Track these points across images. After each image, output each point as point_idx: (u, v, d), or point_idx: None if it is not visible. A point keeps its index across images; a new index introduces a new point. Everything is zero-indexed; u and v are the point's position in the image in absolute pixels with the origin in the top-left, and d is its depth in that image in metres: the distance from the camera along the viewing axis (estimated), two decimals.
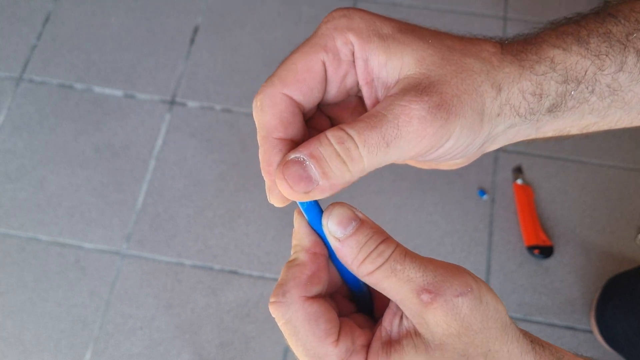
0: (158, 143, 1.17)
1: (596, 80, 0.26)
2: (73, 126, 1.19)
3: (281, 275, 0.26)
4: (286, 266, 0.26)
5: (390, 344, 0.24)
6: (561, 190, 1.11)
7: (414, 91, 0.25)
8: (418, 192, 1.11)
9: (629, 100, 0.27)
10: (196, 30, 1.30)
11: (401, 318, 0.25)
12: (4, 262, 1.07)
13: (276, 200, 0.27)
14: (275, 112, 0.26)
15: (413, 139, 0.24)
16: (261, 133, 0.26)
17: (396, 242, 0.25)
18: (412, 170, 1.13)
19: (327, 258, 0.27)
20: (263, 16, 1.31)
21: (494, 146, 0.29)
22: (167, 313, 1.02)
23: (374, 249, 0.24)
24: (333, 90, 0.28)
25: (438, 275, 0.23)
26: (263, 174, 0.27)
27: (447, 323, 0.22)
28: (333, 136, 0.24)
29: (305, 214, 0.27)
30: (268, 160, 0.26)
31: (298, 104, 0.26)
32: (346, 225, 0.25)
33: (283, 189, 0.25)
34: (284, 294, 0.25)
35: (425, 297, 0.23)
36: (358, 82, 0.27)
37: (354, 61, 0.27)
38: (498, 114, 0.26)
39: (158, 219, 1.10)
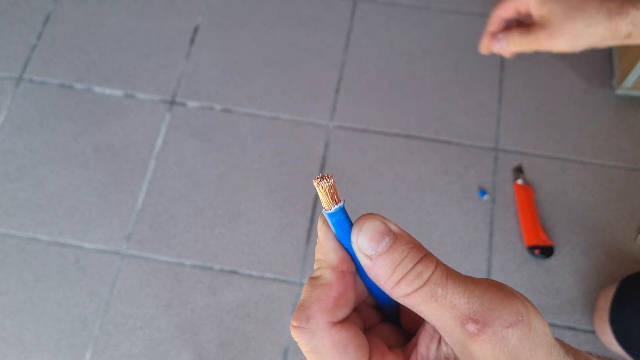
0: (158, 143, 1.17)
1: None
2: (73, 126, 1.19)
3: (304, 294, 0.24)
4: (309, 284, 0.24)
5: None
6: (561, 190, 1.10)
7: None
8: (418, 192, 1.11)
9: None
10: (196, 30, 1.30)
11: (439, 342, 0.23)
12: (4, 262, 1.07)
13: None
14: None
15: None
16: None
17: (436, 260, 0.22)
18: (412, 170, 1.13)
19: (355, 274, 0.25)
20: (263, 16, 1.31)
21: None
22: (167, 313, 1.02)
23: (411, 269, 0.22)
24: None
25: (485, 302, 0.21)
26: None
27: (494, 356, 0.20)
28: None
29: (332, 226, 0.24)
30: None
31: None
32: (379, 241, 0.22)
33: None
34: (308, 319, 0.23)
35: (471, 328, 0.20)
36: None
37: None
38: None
39: (158, 219, 1.10)
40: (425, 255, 0.22)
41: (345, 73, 1.24)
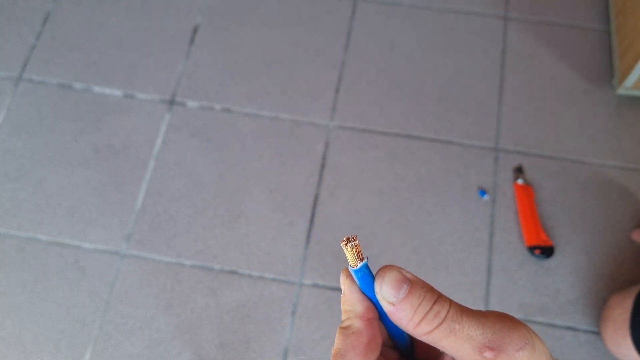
0: (158, 143, 1.17)
1: None
2: (73, 126, 1.19)
3: (337, 343, 0.27)
4: (342, 333, 0.27)
5: None
6: (562, 190, 1.10)
7: None
8: (418, 193, 1.11)
9: None
10: (196, 30, 1.30)
11: None
12: (4, 262, 1.07)
13: None
14: None
15: None
16: None
17: (449, 300, 0.25)
18: (412, 170, 1.13)
19: (379, 320, 0.28)
20: (263, 16, 1.31)
21: None
22: (167, 313, 1.02)
23: (430, 310, 0.24)
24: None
25: (497, 331, 0.24)
26: None
27: None
28: None
29: (357, 280, 0.27)
30: None
31: None
32: (399, 289, 0.25)
33: None
34: None
35: (488, 355, 0.23)
36: None
37: None
38: None
39: (158, 219, 1.10)
40: (439, 296, 0.25)
41: (345, 73, 1.24)
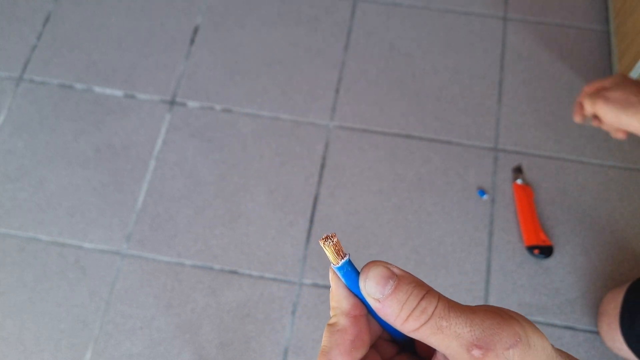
0: (158, 143, 1.17)
1: None
2: (73, 126, 1.19)
3: (324, 341, 0.26)
4: (328, 331, 0.26)
5: None
6: (561, 190, 1.11)
7: None
8: (418, 192, 1.11)
9: None
10: (196, 30, 1.30)
11: None
12: (4, 262, 1.07)
13: None
14: None
15: None
16: None
17: (438, 295, 0.24)
18: (412, 170, 1.13)
19: (368, 316, 0.27)
20: (263, 16, 1.31)
21: None
22: (167, 313, 1.02)
23: (416, 306, 0.24)
24: None
25: (486, 328, 0.23)
26: None
27: None
28: None
29: (342, 277, 0.27)
30: None
31: None
32: (384, 285, 0.24)
33: None
34: None
35: (476, 353, 0.23)
36: None
37: None
38: None
39: (158, 219, 1.10)
40: (427, 292, 0.24)
41: (345, 73, 1.24)
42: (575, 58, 1.24)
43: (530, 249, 1.04)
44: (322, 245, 0.26)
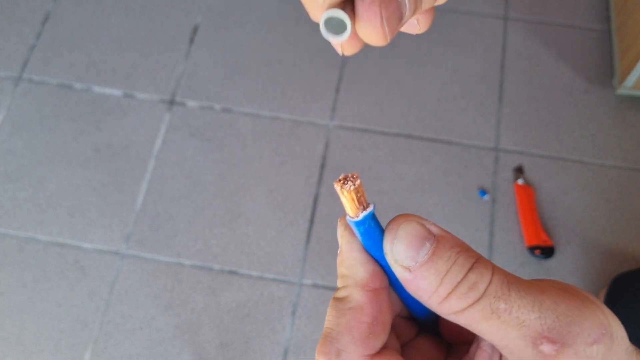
0: (158, 143, 1.17)
1: None
2: (73, 126, 1.19)
3: (328, 320, 0.19)
4: (335, 308, 0.19)
5: None
6: (562, 190, 1.10)
7: None
8: (418, 192, 1.11)
9: None
10: (196, 30, 1.30)
11: None
12: (4, 262, 1.07)
13: None
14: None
15: None
16: None
17: (492, 266, 0.18)
18: (412, 170, 1.13)
19: (389, 288, 0.20)
20: (263, 16, 1.31)
21: None
22: (167, 313, 1.02)
23: (462, 280, 0.17)
24: None
25: (561, 315, 0.17)
26: None
27: None
28: None
29: (359, 235, 0.20)
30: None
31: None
32: (418, 248, 0.18)
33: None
34: (339, 354, 0.18)
35: (547, 349, 0.17)
36: None
37: None
38: None
39: (158, 219, 1.10)
40: (477, 260, 0.18)
41: (345, 73, 1.24)
42: (576, 58, 1.24)
43: (531, 249, 1.04)
44: (339, 190, 0.19)
